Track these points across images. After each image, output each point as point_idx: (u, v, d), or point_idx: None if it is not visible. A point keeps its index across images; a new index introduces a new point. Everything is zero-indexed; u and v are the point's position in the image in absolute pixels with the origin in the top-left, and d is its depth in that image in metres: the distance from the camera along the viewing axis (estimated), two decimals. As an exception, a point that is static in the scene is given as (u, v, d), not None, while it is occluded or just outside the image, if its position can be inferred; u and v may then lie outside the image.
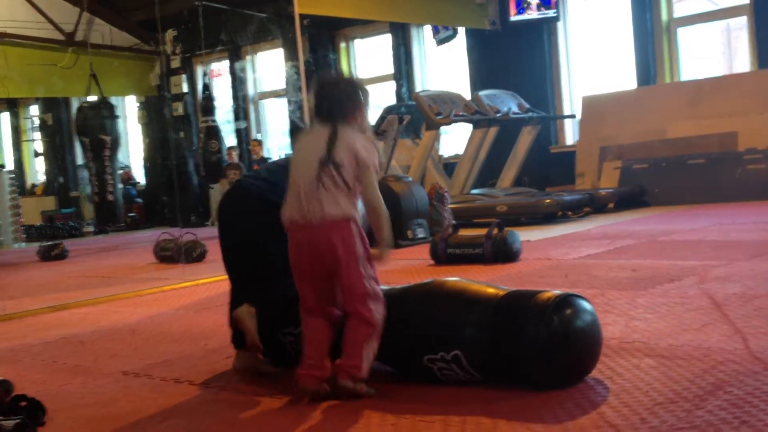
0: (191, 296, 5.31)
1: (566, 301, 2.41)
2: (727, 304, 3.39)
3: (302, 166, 2.57)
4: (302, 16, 8.57)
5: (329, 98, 2.59)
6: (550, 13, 11.25)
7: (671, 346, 2.75)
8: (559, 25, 11.46)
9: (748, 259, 4.56)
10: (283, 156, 11.04)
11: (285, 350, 2.90)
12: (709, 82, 9.83)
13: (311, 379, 2.50)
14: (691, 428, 1.94)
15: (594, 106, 10.68)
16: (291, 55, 12.69)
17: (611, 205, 9.16)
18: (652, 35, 10.48)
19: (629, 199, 9.32)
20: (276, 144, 14.17)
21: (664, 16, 10.54)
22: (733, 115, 9.19)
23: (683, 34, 10.64)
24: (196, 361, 3.28)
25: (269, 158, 12.63)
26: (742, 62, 10.18)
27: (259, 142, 12.88)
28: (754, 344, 2.66)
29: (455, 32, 12.02)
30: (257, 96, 14.59)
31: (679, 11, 10.61)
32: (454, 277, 2.77)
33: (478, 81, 11.82)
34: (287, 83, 13.14)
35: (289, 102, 13.16)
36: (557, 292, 2.46)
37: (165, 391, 2.85)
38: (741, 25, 10.10)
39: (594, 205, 8.87)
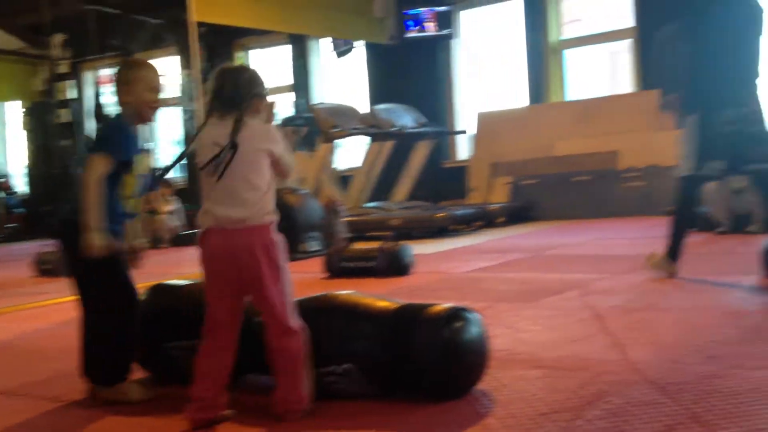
0: (73, 311, 5.10)
1: (456, 314, 2.46)
2: (608, 316, 3.53)
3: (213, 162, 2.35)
4: (199, 24, 8.43)
5: (234, 84, 2.39)
6: (445, 31, 11.49)
7: (555, 358, 2.84)
8: (455, 42, 11.71)
9: (628, 273, 4.77)
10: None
11: (173, 365, 2.81)
12: (594, 102, 10.27)
13: (201, 422, 2.32)
14: (572, 437, 2.01)
15: (487, 123, 10.96)
16: (187, 63, 12.47)
17: (501, 220, 9.40)
18: (542, 56, 10.86)
19: (519, 213, 9.59)
20: (168, 154, 13.84)
21: (553, 38, 10.94)
22: (615, 133, 9.62)
23: (571, 55, 11.08)
24: (77, 379, 3.16)
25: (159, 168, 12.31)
26: (626, 83, 10.67)
27: (150, 152, 12.54)
28: (633, 355, 2.78)
29: (354, 46, 12.10)
30: (150, 104, 14.22)
31: (567, 33, 11.05)
32: (346, 291, 2.77)
33: (375, 95, 11.94)
34: (182, 92, 12.89)
35: (184, 111, 12.91)
36: (448, 305, 2.51)
37: (43, 411, 2.73)
38: (625, 47, 10.59)
39: (485, 220, 9.09)
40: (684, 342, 2.93)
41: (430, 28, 11.52)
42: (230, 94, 2.38)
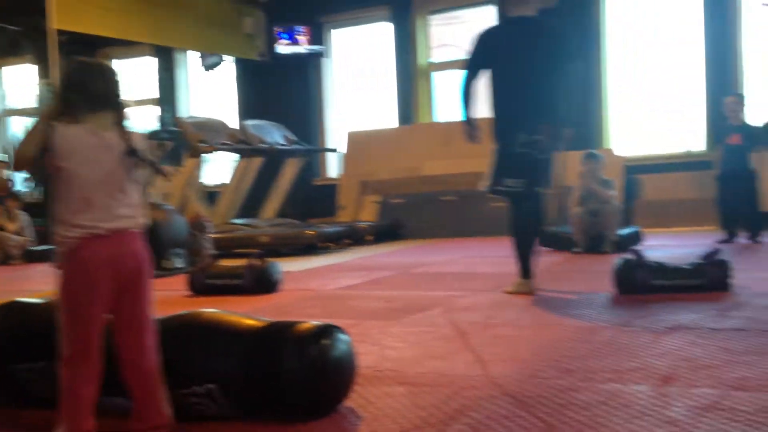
0: None
1: (324, 331, 2.45)
2: (470, 332, 3.62)
3: (92, 164, 2.15)
4: (59, 32, 8.08)
5: (105, 80, 2.22)
6: (317, 48, 11.53)
7: (419, 374, 2.88)
8: (326, 61, 11.78)
9: (490, 290, 4.91)
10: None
11: (19, 387, 2.65)
12: (459, 124, 10.53)
13: None
14: (435, 452, 2.04)
15: (357, 142, 11.06)
16: (45, 73, 11.90)
17: (370, 238, 9.49)
18: (411, 78, 11.09)
19: (387, 232, 9.72)
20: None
21: (421, 61, 11.19)
22: (480, 156, 9.88)
23: (440, 78, 11.37)
24: None
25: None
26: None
27: (5, 163, 11.89)
28: (493, 370, 2.86)
29: (223, 60, 11.95)
30: (4, 113, 13.51)
31: (435, 57, 11.33)
32: (211, 309, 2.71)
33: (244, 110, 11.83)
34: (38, 102, 12.30)
35: (41, 121, 12.30)
36: (315, 323, 2.50)
37: None
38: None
39: (354, 238, 9.15)
40: (541, 357, 3.05)
41: (302, 46, 11.53)
42: (103, 92, 2.20)
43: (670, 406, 2.30)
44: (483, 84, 4.77)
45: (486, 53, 4.72)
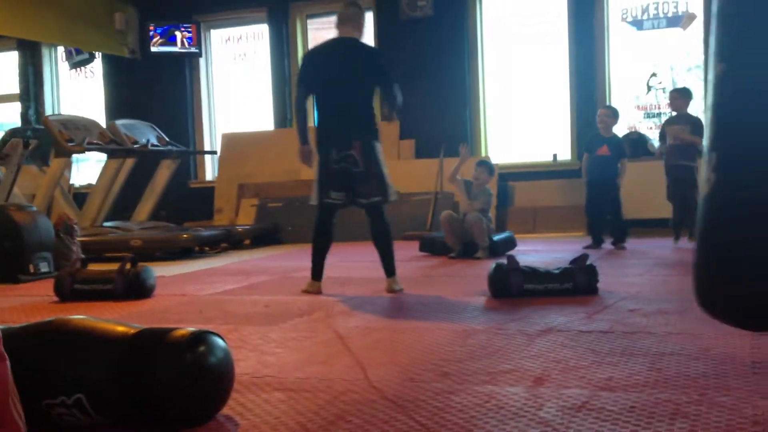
0: None
1: (199, 338, 2.39)
2: (350, 336, 3.63)
3: None
4: None
5: None
6: (193, 48, 11.28)
7: (299, 379, 2.86)
8: (201, 61, 11.54)
9: (369, 294, 4.95)
10: None
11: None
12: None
13: None
14: (315, 458, 2.02)
15: (233, 144, 10.89)
16: None
17: (248, 242, 9.36)
18: (288, 81, 11.02)
19: (265, 235, 9.60)
20: None
21: (299, 64, 11.13)
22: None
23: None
24: None
25: None
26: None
27: None
28: (372, 374, 2.87)
29: (92, 57, 11.49)
30: None
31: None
32: (79, 315, 2.59)
33: (114, 109, 11.43)
34: None
35: None
36: (191, 329, 2.43)
37: None
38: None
39: (231, 241, 8.99)
40: (419, 360, 3.08)
41: (177, 45, 11.25)
42: None
43: (543, 406, 2.38)
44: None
45: (310, 72, 5.03)
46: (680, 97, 7.57)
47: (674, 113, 7.70)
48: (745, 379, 2.60)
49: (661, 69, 9.68)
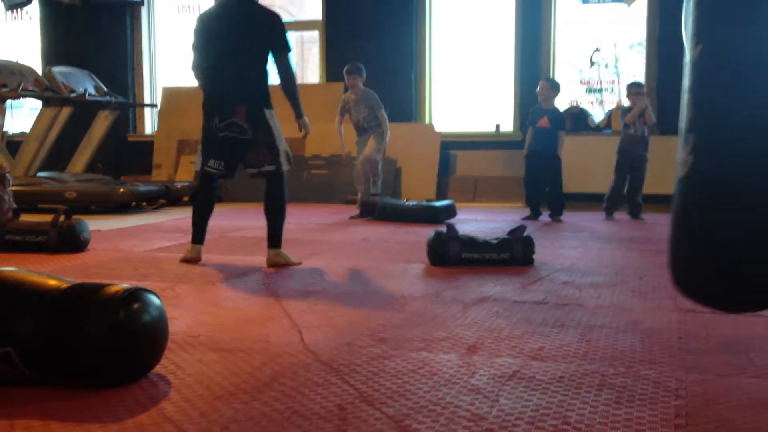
0: None
1: (134, 295, 2.35)
2: (287, 299, 3.63)
3: None
4: None
5: None
6: (136, -4, 10.96)
7: (234, 340, 2.85)
8: (144, 9, 11.22)
9: (308, 257, 4.93)
10: None
11: None
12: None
13: None
14: (247, 420, 2.02)
15: (174, 99, 10.65)
16: None
17: (186, 199, 9.21)
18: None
19: (204, 193, 9.46)
20: None
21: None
22: (302, 121, 9.86)
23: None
24: None
25: None
26: (313, 74, 10.99)
27: None
28: (308, 337, 2.88)
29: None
30: None
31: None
32: (10, 267, 2.53)
33: (52, 56, 11.05)
34: None
35: None
36: (125, 285, 2.40)
37: None
38: (314, 38, 10.90)
39: (169, 198, 8.85)
40: (356, 325, 3.10)
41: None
42: None
43: (475, 374, 2.42)
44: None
45: (199, 35, 4.74)
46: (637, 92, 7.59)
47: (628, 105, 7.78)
48: (671, 353, 2.69)
49: (605, 44, 9.81)
